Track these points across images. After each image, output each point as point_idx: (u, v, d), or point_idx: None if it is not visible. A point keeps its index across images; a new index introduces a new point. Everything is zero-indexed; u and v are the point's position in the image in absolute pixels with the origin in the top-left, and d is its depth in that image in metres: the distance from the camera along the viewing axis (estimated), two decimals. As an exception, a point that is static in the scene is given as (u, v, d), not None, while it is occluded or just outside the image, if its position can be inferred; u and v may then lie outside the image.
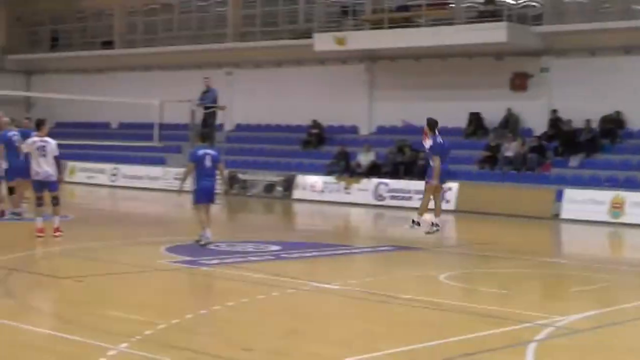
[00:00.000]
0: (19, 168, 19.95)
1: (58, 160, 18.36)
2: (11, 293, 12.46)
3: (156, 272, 14.65)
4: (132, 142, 35.11)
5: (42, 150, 17.95)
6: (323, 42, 33.86)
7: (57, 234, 18.02)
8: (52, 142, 18.13)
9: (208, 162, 17.42)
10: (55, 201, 18.27)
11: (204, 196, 17.52)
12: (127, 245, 18.12)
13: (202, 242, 17.31)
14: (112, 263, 15.63)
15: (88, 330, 9.97)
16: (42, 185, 18.18)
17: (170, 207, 30.04)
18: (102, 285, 13.38)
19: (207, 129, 21.94)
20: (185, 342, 9.58)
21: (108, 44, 44.24)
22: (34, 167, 18.06)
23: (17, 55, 46.64)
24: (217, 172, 17.74)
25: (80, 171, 39.15)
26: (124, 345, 9.19)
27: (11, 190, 21.53)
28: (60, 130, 42.95)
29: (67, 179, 37.97)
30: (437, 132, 16.83)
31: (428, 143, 16.81)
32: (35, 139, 18.18)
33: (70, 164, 39.19)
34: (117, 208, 30.63)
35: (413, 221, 17.00)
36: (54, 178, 18.14)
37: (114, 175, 38.01)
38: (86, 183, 38.09)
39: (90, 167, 39.11)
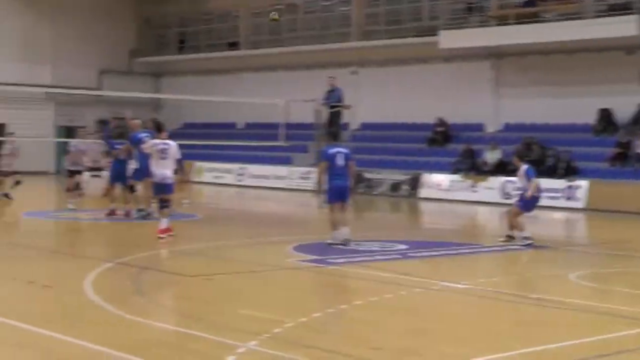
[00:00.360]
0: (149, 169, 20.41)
1: (180, 162, 18.60)
2: (142, 291, 12.72)
3: (284, 271, 14.75)
4: (258, 142, 35.46)
5: (163, 152, 18.11)
6: (448, 39, 33.62)
7: (162, 236, 17.90)
8: (173, 145, 18.28)
9: (340, 161, 17.35)
10: (167, 204, 18.27)
11: (337, 195, 17.48)
12: (254, 244, 18.29)
13: (338, 242, 17.21)
14: (240, 262, 15.80)
15: (217, 328, 10.09)
16: (160, 188, 18.30)
17: (296, 206, 30.28)
18: (231, 283, 13.54)
19: (334, 128, 21.99)
20: (314, 340, 9.61)
21: (234, 45, 44.82)
22: (153, 169, 18.27)
23: (146, 58, 47.64)
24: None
25: (207, 171, 39.76)
26: (253, 343, 9.26)
27: (132, 189, 21.98)
28: (187, 131, 43.84)
29: (194, 179, 38.76)
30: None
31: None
32: (157, 141, 18.38)
33: (198, 164, 39.87)
34: (244, 207, 30.96)
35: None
36: (171, 181, 18.23)
37: (241, 175, 38.46)
38: (213, 183, 38.67)
39: (217, 167, 39.68)
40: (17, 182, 27.09)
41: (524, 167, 18.37)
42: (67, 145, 24.81)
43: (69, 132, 38.17)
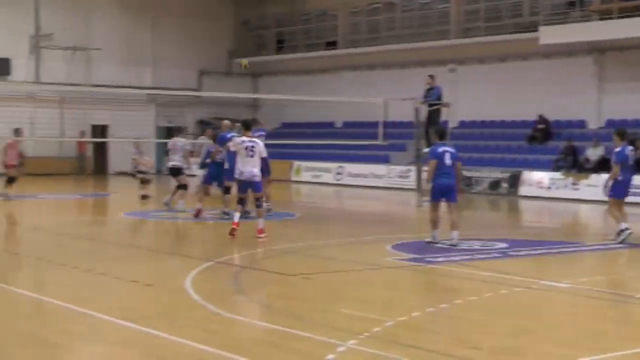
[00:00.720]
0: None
1: (266, 161, 18.67)
2: (242, 290, 12.84)
3: (382, 270, 14.73)
4: (357, 140, 35.49)
5: (250, 150, 18.17)
6: (549, 35, 33.20)
7: (261, 235, 17.95)
8: (260, 144, 18.39)
9: (447, 160, 17.31)
10: (259, 202, 18.36)
11: (440, 194, 17.42)
12: (352, 243, 18.31)
13: (437, 241, 17.17)
14: (339, 261, 15.84)
15: (317, 326, 10.14)
16: (246, 185, 18.38)
17: (395, 204, 30.23)
18: (330, 282, 13.58)
19: (438, 127, 21.87)
20: (413, 339, 9.59)
21: (332, 44, 44.96)
22: (239, 166, 18.31)
23: (245, 59, 48.04)
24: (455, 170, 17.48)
25: (305, 170, 39.96)
26: (353, 342, 9.28)
27: (227, 190, 22.17)
28: (286, 131, 44.12)
29: (292, 178, 39.02)
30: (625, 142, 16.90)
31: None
32: (244, 138, 18.45)
33: (296, 163, 40.10)
34: (342, 206, 31.04)
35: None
36: (258, 179, 18.27)
37: (339, 174, 38.55)
38: (312, 182, 38.84)
39: (315, 166, 39.84)
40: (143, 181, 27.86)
41: (617, 149, 18.29)
42: (167, 145, 25.17)
43: (169, 132, 38.63)
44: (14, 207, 25.73)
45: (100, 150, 44.43)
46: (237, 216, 18.12)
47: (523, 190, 32.20)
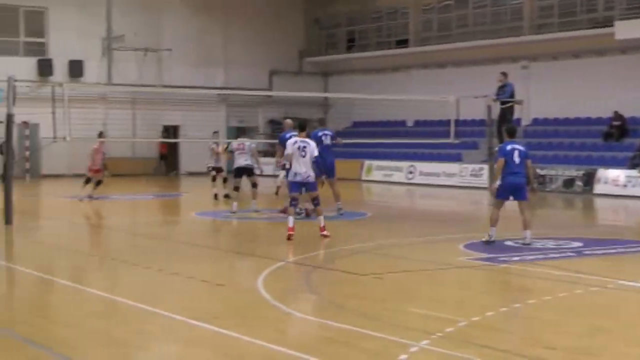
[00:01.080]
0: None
1: (317, 161, 18.71)
2: (314, 289, 12.89)
3: (455, 269, 14.67)
4: (428, 139, 35.34)
5: (302, 150, 18.18)
6: (625, 30, 32.76)
7: (324, 233, 18.03)
8: (312, 144, 18.42)
9: (516, 158, 17.19)
10: (317, 201, 18.41)
11: (508, 192, 17.30)
12: (424, 243, 18.26)
13: (492, 240, 17.09)
14: (410, 260, 15.81)
15: (389, 326, 10.14)
16: (300, 186, 18.43)
17: (467, 204, 30.06)
18: (401, 282, 13.56)
19: (509, 124, 21.70)
20: (487, 339, 9.54)
21: (403, 43, 44.87)
22: (294, 168, 18.35)
23: (315, 58, 48.25)
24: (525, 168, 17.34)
25: (376, 169, 39.92)
26: (425, 342, 9.26)
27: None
28: (357, 130, 44.15)
29: (363, 177, 39.02)
30: None
31: None
32: (297, 139, 18.53)
33: (367, 162, 40.10)
34: (414, 205, 30.96)
35: None
36: (313, 179, 18.34)
37: (411, 172, 38.45)
38: (383, 181, 38.80)
39: (387, 165, 39.78)
40: (224, 180, 28.04)
41: None
42: (232, 145, 25.27)
43: (239, 132, 38.78)
44: (95, 207, 26.22)
45: (172, 150, 44.91)
46: (291, 220, 18.04)
47: (598, 188, 31.79)
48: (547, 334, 9.87)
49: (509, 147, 17.30)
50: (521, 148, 17.43)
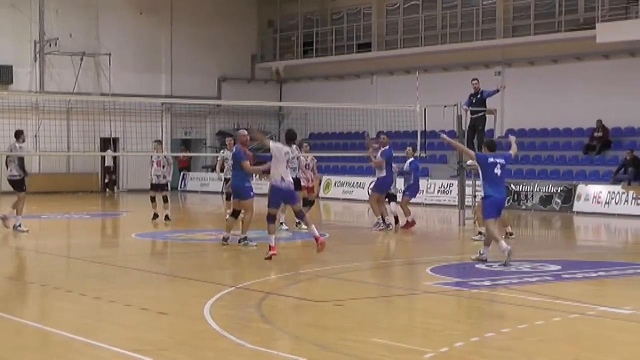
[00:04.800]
0: None
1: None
2: (268, 318, 12.83)
3: (421, 295, 14.71)
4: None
5: (290, 162, 18.70)
6: (607, 33, 33.06)
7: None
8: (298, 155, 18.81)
9: (497, 170, 17.38)
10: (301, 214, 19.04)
11: (494, 209, 17.51)
12: (388, 266, 18.31)
13: (485, 259, 17.29)
14: (373, 285, 15.83)
15: (350, 358, 10.12)
16: (280, 200, 18.97)
17: (434, 223, 30.16)
18: (363, 309, 13.55)
19: (486, 138, 21.83)
20: (456, 372, 9.57)
21: (365, 46, 44.96)
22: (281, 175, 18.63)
23: (269, 63, 48.26)
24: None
25: (336, 186, 39.92)
26: (389, 375, 9.28)
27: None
28: (314, 142, 44.09)
29: (321, 194, 39.00)
30: None
31: None
32: (287, 149, 18.79)
33: (325, 178, 40.08)
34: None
35: None
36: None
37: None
38: (343, 198, 38.79)
39: (347, 180, 39.79)
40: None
41: None
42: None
43: (186, 144, 38.79)
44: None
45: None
46: (273, 239, 18.36)
47: (578, 205, 32.02)
48: (522, 365, 9.91)
49: (490, 159, 17.47)
50: (502, 161, 17.62)
